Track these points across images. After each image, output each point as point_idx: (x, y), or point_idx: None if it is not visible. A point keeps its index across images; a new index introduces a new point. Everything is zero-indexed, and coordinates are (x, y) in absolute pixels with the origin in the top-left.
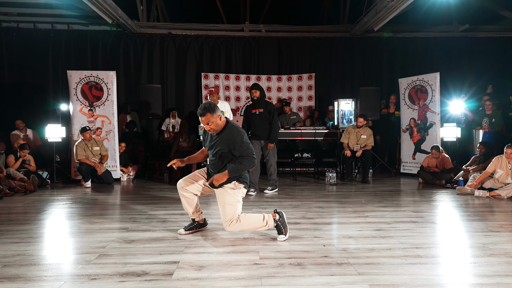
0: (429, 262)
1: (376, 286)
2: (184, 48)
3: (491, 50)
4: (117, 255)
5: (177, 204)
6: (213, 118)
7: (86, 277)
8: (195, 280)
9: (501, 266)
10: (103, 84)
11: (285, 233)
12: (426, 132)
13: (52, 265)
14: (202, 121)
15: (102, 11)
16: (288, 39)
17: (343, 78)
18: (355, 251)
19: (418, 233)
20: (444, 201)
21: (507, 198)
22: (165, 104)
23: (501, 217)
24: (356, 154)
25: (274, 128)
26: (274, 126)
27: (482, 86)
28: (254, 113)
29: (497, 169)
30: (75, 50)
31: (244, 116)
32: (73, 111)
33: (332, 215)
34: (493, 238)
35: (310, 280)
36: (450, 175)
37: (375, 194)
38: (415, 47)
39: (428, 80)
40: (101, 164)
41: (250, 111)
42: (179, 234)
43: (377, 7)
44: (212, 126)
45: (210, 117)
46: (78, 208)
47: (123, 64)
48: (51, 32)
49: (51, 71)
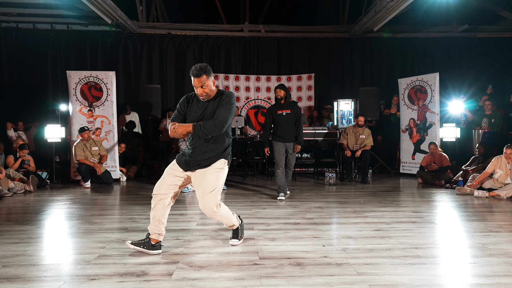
0: (428, 262)
1: (376, 286)
2: (184, 48)
3: (491, 51)
4: (116, 255)
5: (176, 204)
6: (208, 81)
7: (86, 277)
8: (194, 280)
9: (500, 266)
10: (102, 85)
11: (240, 238)
12: (426, 132)
13: (51, 266)
14: (195, 83)
15: (101, 11)
16: (287, 39)
17: (342, 78)
18: (354, 251)
19: (417, 233)
20: (444, 201)
21: (507, 198)
22: (165, 105)
23: (501, 217)
24: (356, 154)
25: (302, 130)
26: (301, 128)
27: (481, 86)
28: (280, 114)
29: (497, 169)
30: (75, 50)
31: (268, 117)
32: (73, 111)
33: (331, 215)
34: (492, 238)
35: (310, 280)
36: (450, 176)
37: (375, 194)
38: (414, 47)
39: (428, 81)
40: (100, 164)
41: (276, 112)
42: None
43: (376, 8)
44: (206, 90)
45: (206, 79)
46: (77, 208)
47: (123, 64)
48: (51, 32)
49: (51, 72)
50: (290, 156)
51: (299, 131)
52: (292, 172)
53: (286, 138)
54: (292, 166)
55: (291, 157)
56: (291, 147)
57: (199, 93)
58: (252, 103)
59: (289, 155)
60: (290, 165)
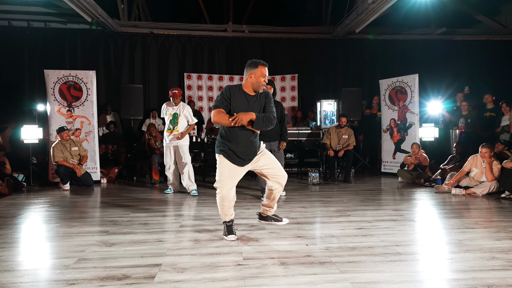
0: (408, 259)
1: (358, 284)
2: (167, 48)
3: (467, 53)
4: (97, 259)
5: (159, 206)
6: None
7: (65, 282)
8: (177, 282)
9: (476, 261)
10: (82, 84)
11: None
12: (406, 132)
13: (28, 271)
14: (265, 72)
15: (80, 9)
16: (271, 39)
17: (325, 79)
18: (337, 250)
19: (398, 231)
20: (423, 199)
21: (482, 195)
22: (147, 105)
23: (476, 214)
24: (339, 154)
25: (287, 128)
26: (285, 127)
27: (458, 87)
28: None
29: (473, 168)
30: (53, 49)
31: None
32: (51, 111)
33: (315, 214)
34: (468, 234)
35: (293, 279)
36: (428, 175)
37: (357, 194)
38: (395, 49)
39: (408, 82)
40: (80, 165)
41: None
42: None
43: (358, 9)
44: (266, 79)
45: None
46: (56, 211)
47: (103, 63)
48: (27, 30)
49: (27, 70)
50: (277, 154)
51: (284, 129)
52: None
53: (270, 137)
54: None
55: (278, 156)
56: (276, 145)
57: (264, 82)
58: None
59: (275, 153)
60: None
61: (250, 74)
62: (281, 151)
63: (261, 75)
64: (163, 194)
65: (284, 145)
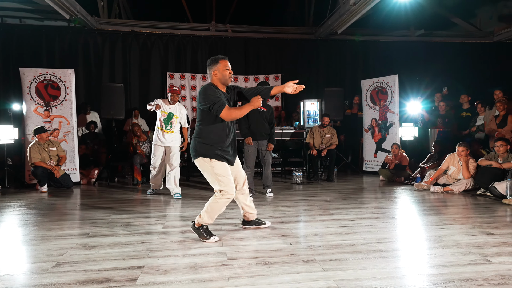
0: (389, 256)
1: (341, 281)
2: (148, 46)
3: (445, 55)
4: (76, 262)
5: (141, 207)
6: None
7: (42, 287)
8: (160, 284)
9: (453, 256)
10: (60, 83)
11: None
12: (387, 131)
13: (3, 276)
14: (227, 65)
15: (58, 5)
16: (254, 39)
17: (308, 79)
18: (320, 248)
19: (379, 228)
20: (403, 197)
21: (459, 192)
22: (129, 104)
23: (454, 210)
24: (322, 153)
25: (274, 129)
26: (273, 127)
27: (437, 88)
28: (257, 109)
29: (450, 166)
30: (28, 47)
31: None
32: (27, 111)
33: (298, 213)
34: (446, 230)
35: (277, 278)
36: (408, 173)
37: (340, 192)
38: (376, 50)
39: (388, 82)
40: (59, 166)
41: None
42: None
43: (340, 11)
44: (231, 71)
45: None
46: (33, 214)
47: (83, 62)
48: (1, 26)
49: (1, 68)
50: (266, 152)
51: (272, 131)
52: (271, 170)
53: (259, 135)
54: (268, 162)
55: (265, 153)
56: (265, 144)
57: (230, 75)
58: None
59: (263, 152)
60: (266, 162)
61: (214, 71)
62: (269, 150)
63: (224, 68)
64: (145, 195)
65: (271, 147)
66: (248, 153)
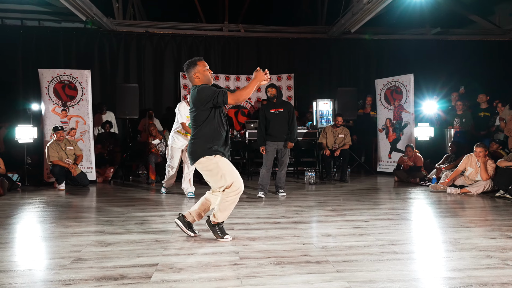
0: (404, 258)
1: (354, 283)
2: (162, 47)
3: (461, 53)
4: (93, 259)
5: (155, 205)
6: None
7: (60, 282)
8: (174, 282)
9: (471, 260)
10: (77, 83)
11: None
12: (401, 131)
13: (23, 271)
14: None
15: (75, 7)
16: (267, 39)
17: (321, 78)
18: (333, 249)
19: (394, 230)
20: (418, 199)
21: (477, 194)
22: (143, 104)
23: (471, 213)
24: (335, 153)
25: (295, 128)
26: (294, 126)
27: (453, 87)
28: (273, 112)
29: (467, 167)
30: (47, 48)
31: (261, 116)
32: (45, 111)
33: (311, 214)
34: (464, 233)
35: (290, 278)
36: (424, 174)
37: (353, 193)
38: (390, 49)
39: (403, 81)
40: (76, 165)
41: (269, 110)
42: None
43: (353, 9)
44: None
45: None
46: (51, 211)
47: (98, 63)
48: (21, 29)
49: (21, 69)
50: (284, 153)
51: (292, 127)
52: (286, 171)
53: (278, 137)
54: (285, 163)
55: (283, 154)
56: (282, 145)
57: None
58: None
59: (281, 152)
60: (283, 162)
61: (195, 73)
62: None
63: (204, 69)
64: (159, 194)
65: (291, 145)
66: (267, 152)
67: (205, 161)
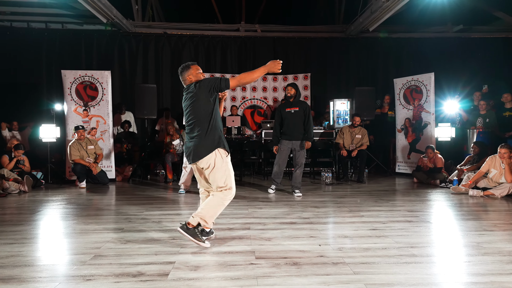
0: (423, 261)
1: (372, 285)
2: (179, 47)
3: (485, 51)
4: (112, 255)
5: (172, 204)
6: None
7: (81, 278)
8: (190, 280)
9: (494, 264)
10: (97, 84)
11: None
12: (421, 132)
13: (46, 266)
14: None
15: (96, 10)
16: (283, 39)
17: (338, 78)
18: (350, 250)
19: (413, 232)
20: (439, 201)
21: (501, 197)
22: (161, 104)
23: (495, 216)
24: (352, 154)
25: (311, 127)
26: (310, 126)
27: (476, 86)
28: (289, 111)
29: (491, 168)
30: (69, 50)
31: (277, 115)
32: (68, 111)
33: (327, 214)
34: (487, 237)
35: (306, 279)
36: (444, 175)
37: (371, 194)
38: (410, 47)
39: (423, 80)
40: (96, 164)
41: (284, 110)
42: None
43: (372, 7)
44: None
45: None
46: (72, 208)
47: (118, 63)
48: (45, 31)
49: (45, 71)
50: (298, 153)
51: (308, 127)
52: (302, 171)
53: (293, 136)
54: (300, 164)
55: (298, 155)
56: (298, 144)
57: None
58: (248, 103)
59: (296, 153)
60: (299, 163)
61: (188, 76)
62: (303, 150)
63: (197, 72)
64: (177, 193)
65: (309, 145)
66: (280, 151)
67: (217, 156)
